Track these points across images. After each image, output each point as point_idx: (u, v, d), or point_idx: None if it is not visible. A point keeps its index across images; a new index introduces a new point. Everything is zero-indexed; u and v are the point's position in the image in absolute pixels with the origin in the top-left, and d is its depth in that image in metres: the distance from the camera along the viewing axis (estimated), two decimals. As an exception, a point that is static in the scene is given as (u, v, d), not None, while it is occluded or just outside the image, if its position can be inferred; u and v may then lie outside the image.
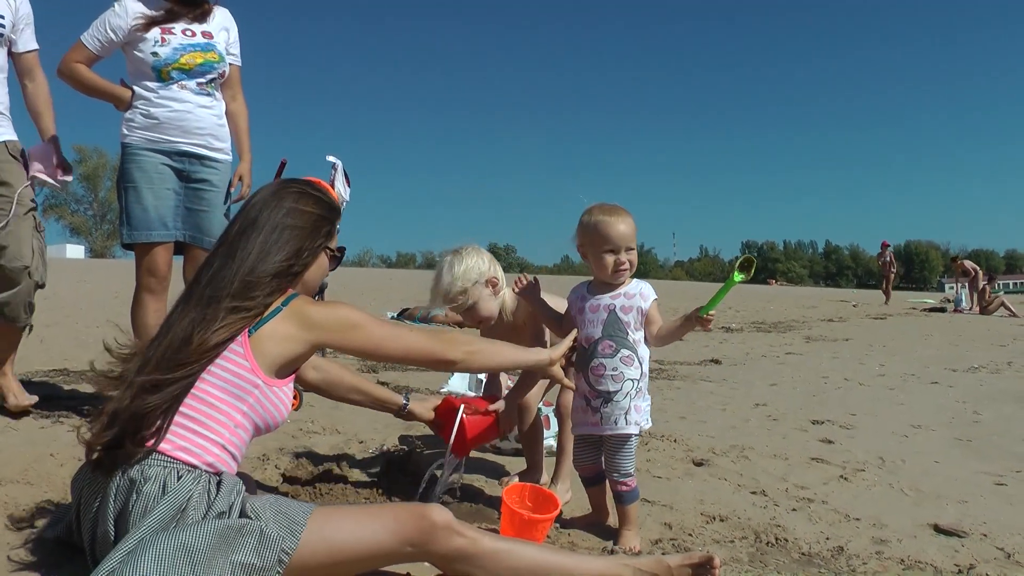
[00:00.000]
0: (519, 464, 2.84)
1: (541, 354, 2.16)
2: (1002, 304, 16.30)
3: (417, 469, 2.62)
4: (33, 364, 4.70)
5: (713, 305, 2.13)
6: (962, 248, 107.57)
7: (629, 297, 2.21)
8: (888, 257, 19.42)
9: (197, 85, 3.13)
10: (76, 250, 52.65)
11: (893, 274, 19.69)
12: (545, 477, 2.64)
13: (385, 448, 3.10)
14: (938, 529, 2.41)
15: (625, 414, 2.16)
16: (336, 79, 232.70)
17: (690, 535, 2.27)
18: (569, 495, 2.53)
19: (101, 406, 1.64)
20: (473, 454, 3.10)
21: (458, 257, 2.44)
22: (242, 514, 1.56)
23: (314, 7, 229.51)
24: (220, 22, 3.24)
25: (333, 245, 1.91)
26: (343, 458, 2.77)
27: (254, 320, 1.69)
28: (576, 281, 2.37)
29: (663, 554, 1.97)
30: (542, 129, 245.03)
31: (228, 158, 3.28)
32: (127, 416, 1.58)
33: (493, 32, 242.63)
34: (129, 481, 1.55)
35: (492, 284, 2.46)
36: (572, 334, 2.22)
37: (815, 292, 32.75)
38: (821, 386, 5.53)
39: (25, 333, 3.06)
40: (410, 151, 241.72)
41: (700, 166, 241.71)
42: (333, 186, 3.68)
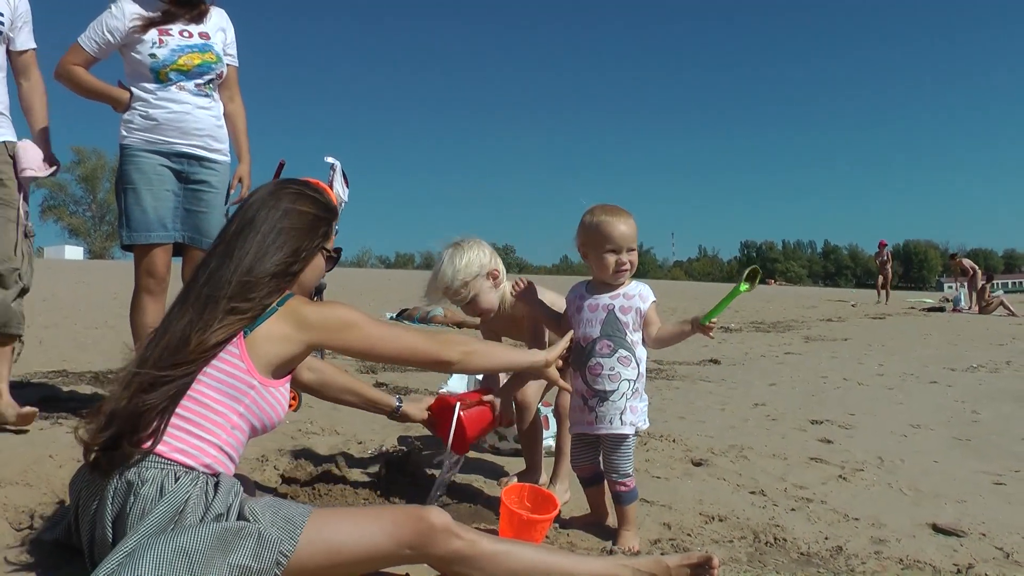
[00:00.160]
0: (518, 464, 2.84)
1: (537, 355, 2.16)
2: (1001, 303, 16.34)
3: (416, 469, 2.62)
4: (32, 366, 4.70)
5: (715, 313, 2.14)
6: (961, 247, 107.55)
7: (628, 298, 2.21)
8: (885, 256, 19.43)
9: (195, 86, 3.13)
10: (75, 251, 52.69)
11: (891, 273, 19.70)
12: (544, 477, 2.64)
13: (384, 449, 3.10)
14: (937, 528, 2.41)
15: (620, 414, 2.17)
16: (335, 79, 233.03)
17: (689, 535, 2.26)
18: (568, 495, 2.53)
19: (98, 405, 1.64)
20: (472, 455, 3.10)
21: (459, 250, 2.43)
22: (240, 516, 1.56)
23: (313, 7, 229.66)
24: (217, 23, 3.24)
25: (330, 246, 1.91)
26: (342, 459, 2.76)
27: (251, 320, 1.69)
28: (575, 281, 2.37)
29: (662, 554, 1.97)
30: (541, 129, 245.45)
31: (227, 159, 3.28)
32: (124, 416, 1.57)
33: (493, 32, 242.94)
34: (126, 483, 1.54)
35: (493, 276, 2.46)
36: (568, 335, 2.22)
37: (814, 292, 32.77)
38: (820, 386, 5.54)
39: (16, 350, 3.00)
40: (409, 151, 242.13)
41: (699, 166, 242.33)
42: (331, 187, 3.68)
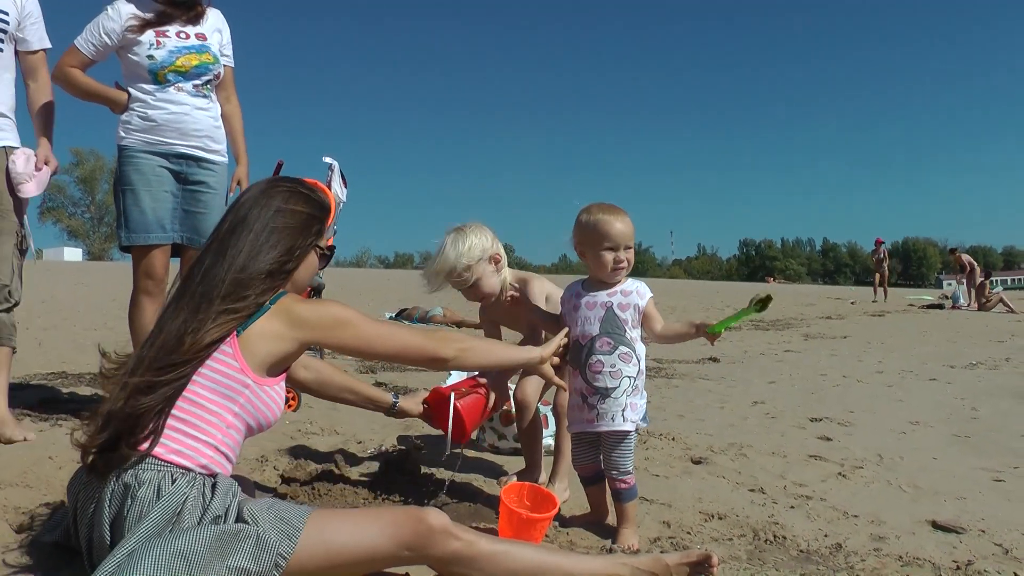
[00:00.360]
0: (517, 463, 2.84)
1: (532, 352, 2.16)
2: (1000, 300, 16.35)
3: (416, 469, 2.62)
4: (31, 367, 4.70)
5: (723, 326, 2.16)
6: (960, 244, 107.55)
7: (626, 295, 2.21)
8: (882, 254, 19.42)
9: (193, 87, 3.13)
10: (74, 253, 52.67)
11: (887, 271, 19.68)
12: (544, 476, 2.64)
13: (384, 448, 3.10)
14: (936, 525, 2.42)
15: (622, 411, 2.17)
16: (335, 79, 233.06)
17: (688, 533, 2.27)
18: (567, 494, 2.53)
19: (95, 407, 1.64)
20: (471, 454, 3.11)
21: (462, 234, 2.45)
22: (239, 518, 1.56)
23: (313, 7, 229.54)
24: (213, 24, 3.23)
25: (323, 243, 1.91)
26: (342, 459, 2.77)
27: (245, 319, 1.68)
28: (574, 280, 2.37)
29: (661, 552, 1.96)
30: (541, 129, 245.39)
31: (224, 160, 3.28)
32: (121, 417, 1.57)
33: (492, 32, 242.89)
34: (123, 486, 1.54)
35: (495, 261, 2.49)
36: (563, 332, 2.22)
37: (813, 290, 32.78)
38: (819, 383, 5.54)
39: (9, 359, 2.98)
40: (408, 151, 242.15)
41: (698, 164, 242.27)
42: (330, 187, 3.67)
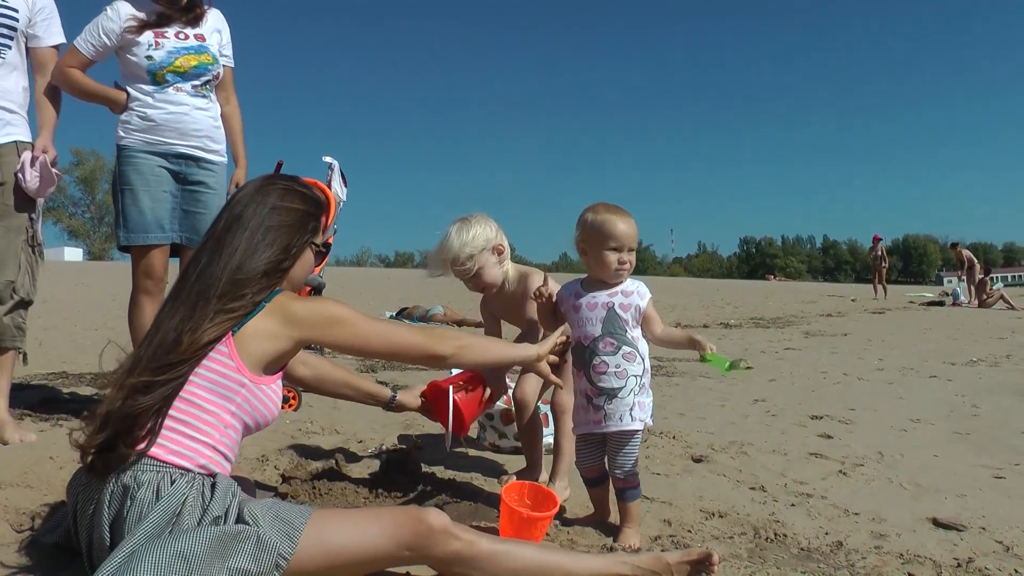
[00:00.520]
0: (518, 462, 2.84)
1: (529, 349, 2.15)
2: (1001, 297, 16.33)
3: (416, 468, 2.62)
4: (32, 367, 4.69)
5: (715, 363, 2.18)
6: (960, 241, 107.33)
7: (627, 295, 2.21)
8: (880, 251, 19.38)
9: (192, 88, 3.12)
10: (74, 253, 52.61)
11: (885, 268, 19.65)
12: (544, 475, 2.63)
13: (384, 447, 3.09)
14: (937, 523, 2.42)
15: (629, 410, 2.16)
16: (335, 79, 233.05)
17: (689, 531, 2.26)
18: (568, 492, 2.52)
19: (94, 408, 1.64)
20: (472, 453, 3.11)
21: (466, 224, 2.48)
22: (239, 519, 1.55)
23: (313, 7, 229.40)
24: (212, 24, 3.23)
25: (319, 240, 1.91)
26: (342, 458, 2.77)
27: (242, 318, 1.68)
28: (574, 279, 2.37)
29: (662, 551, 1.96)
30: (541, 129, 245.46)
31: (224, 160, 3.28)
32: (119, 417, 1.57)
33: (492, 32, 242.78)
34: (123, 487, 1.54)
35: (498, 251, 2.50)
36: (560, 329, 2.21)
37: (813, 287, 32.72)
38: (820, 381, 5.54)
39: (19, 361, 2.98)
40: (408, 151, 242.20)
41: (698, 162, 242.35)
42: (330, 186, 3.67)
